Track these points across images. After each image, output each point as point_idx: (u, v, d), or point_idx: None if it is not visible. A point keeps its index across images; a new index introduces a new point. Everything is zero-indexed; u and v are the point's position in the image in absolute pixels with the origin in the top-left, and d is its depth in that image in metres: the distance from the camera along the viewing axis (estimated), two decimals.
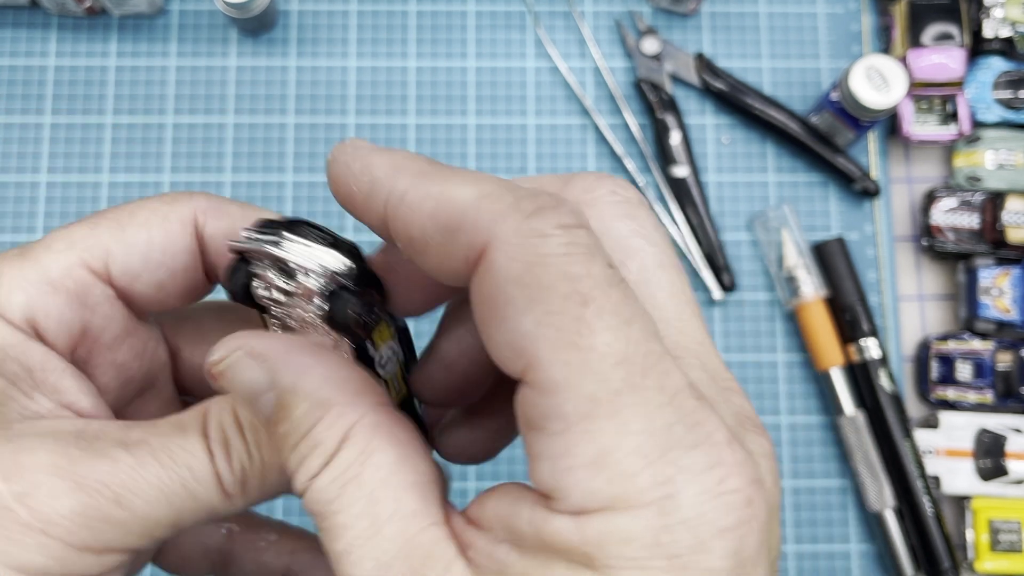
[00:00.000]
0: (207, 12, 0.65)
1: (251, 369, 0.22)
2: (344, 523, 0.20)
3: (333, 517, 0.20)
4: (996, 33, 0.61)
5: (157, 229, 0.27)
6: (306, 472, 0.21)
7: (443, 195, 0.20)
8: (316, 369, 0.22)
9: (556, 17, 0.66)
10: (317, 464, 0.21)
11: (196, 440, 0.24)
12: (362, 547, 0.20)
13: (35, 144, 0.63)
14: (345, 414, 0.21)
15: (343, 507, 0.20)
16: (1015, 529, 0.58)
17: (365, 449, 0.21)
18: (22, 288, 0.26)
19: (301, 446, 0.21)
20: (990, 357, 0.59)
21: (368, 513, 0.20)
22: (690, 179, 0.63)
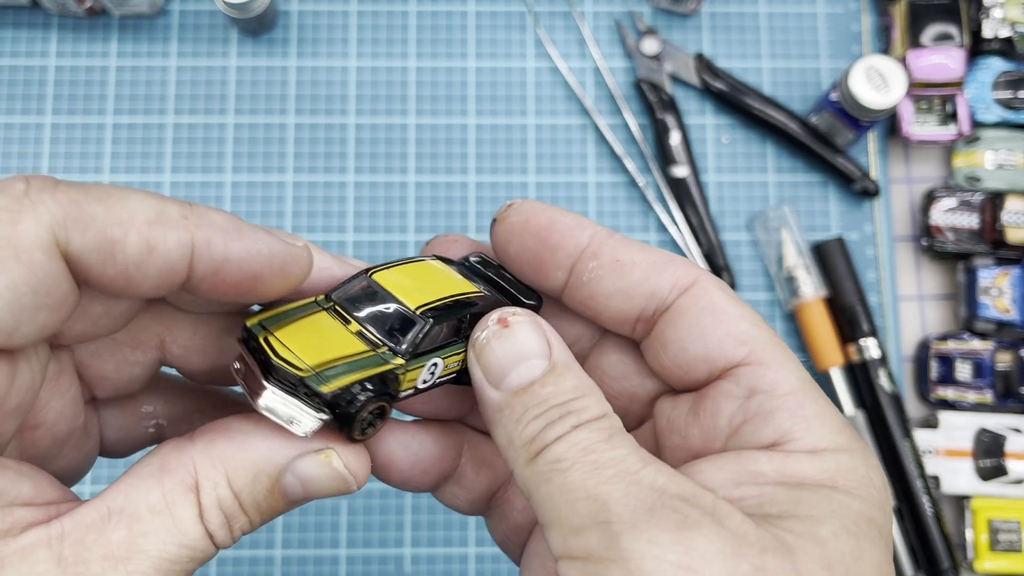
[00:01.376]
0: (207, 12, 0.65)
1: (537, 334, 0.27)
2: (616, 457, 0.24)
3: (605, 452, 0.24)
4: (996, 33, 0.61)
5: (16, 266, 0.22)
6: (574, 420, 0.25)
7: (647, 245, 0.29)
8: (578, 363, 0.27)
9: (556, 17, 0.66)
10: (585, 418, 0.25)
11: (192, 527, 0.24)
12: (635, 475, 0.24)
13: (35, 144, 0.63)
14: (604, 401, 0.26)
15: (614, 447, 0.24)
16: (1015, 529, 0.58)
17: (621, 425, 0.26)
18: None
19: (572, 403, 0.26)
20: (990, 357, 0.59)
21: (635, 455, 0.24)
22: (690, 179, 0.63)
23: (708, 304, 0.27)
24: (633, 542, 0.22)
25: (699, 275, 0.28)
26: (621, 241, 0.29)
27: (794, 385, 0.26)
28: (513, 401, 0.26)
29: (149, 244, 0.23)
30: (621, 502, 0.23)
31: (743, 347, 0.27)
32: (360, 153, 0.64)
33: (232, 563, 0.59)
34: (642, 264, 0.28)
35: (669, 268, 0.28)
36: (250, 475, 0.25)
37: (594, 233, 0.29)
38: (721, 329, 0.27)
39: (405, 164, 0.64)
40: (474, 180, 0.64)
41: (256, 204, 0.63)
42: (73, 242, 0.22)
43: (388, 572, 0.59)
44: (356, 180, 0.63)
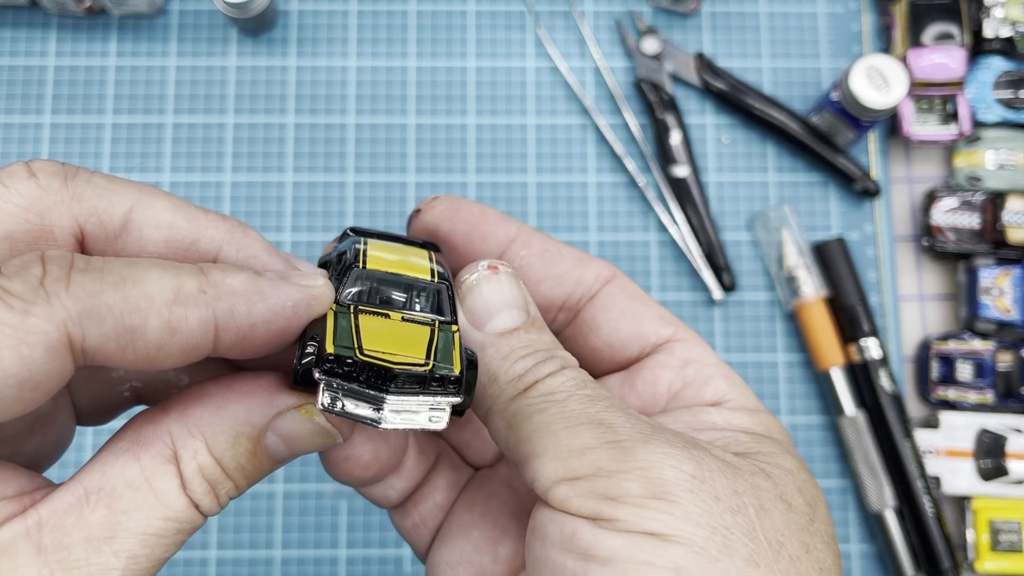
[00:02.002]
0: (207, 12, 0.65)
1: (520, 287, 0.28)
2: (604, 395, 0.26)
3: (593, 389, 0.26)
4: (996, 33, 0.61)
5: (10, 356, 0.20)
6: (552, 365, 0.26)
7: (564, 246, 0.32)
8: None
9: (556, 17, 0.66)
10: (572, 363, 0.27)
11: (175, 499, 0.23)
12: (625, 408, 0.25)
13: (35, 144, 0.63)
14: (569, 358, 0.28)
15: (595, 387, 0.26)
16: (1015, 529, 0.58)
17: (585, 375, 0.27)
18: None
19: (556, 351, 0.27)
20: (990, 357, 0.59)
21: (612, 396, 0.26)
22: (690, 179, 0.62)
23: (632, 292, 0.31)
24: (650, 454, 0.23)
25: (616, 271, 0.31)
26: (547, 237, 0.32)
27: (715, 359, 0.30)
28: (498, 341, 0.27)
29: (171, 327, 0.22)
30: (626, 425, 0.24)
31: (669, 326, 0.31)
32: (360, 153, 0.64)
33: (232, 563, 0.59)
34: (568, 256, 0.31)
35: (592, 263, 0.31)
36: (230, 439, 0.24)
37: (521, 227, 0.31)
38: (649, 311, 0.31)
39: (405, 164, 0.64)
40: (474, 180, 0.63)
41: (256, 204, 0.63)
42: (90, 337, 0.21)
43: (388, 572, 0.59)
44: (356, 180, 0.63)
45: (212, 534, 0.59)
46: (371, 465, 0.29)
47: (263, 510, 0.59)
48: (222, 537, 0.59)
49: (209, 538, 0.59)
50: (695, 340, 0.31)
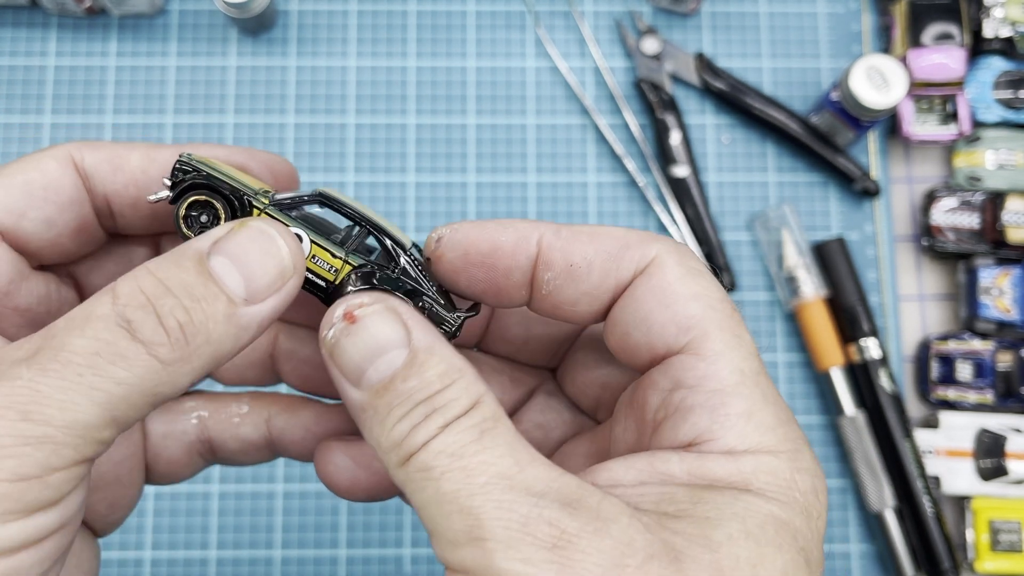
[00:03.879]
0: (207, 12, 0.65)
1: (391, 323, 0.24)
2: (488, 460, 0.22)
3: (476, 456, 0.23)
4: (996, 33, 0.61)
5: (33, 170, 0.28)
6: (440, 419, 0.23)
7: (597, 231, 0.27)
8: (445, 341, 0.25)
9: (556, 17, 0.66)
10: (453, 414, 0.23)
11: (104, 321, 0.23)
12: (510, 479, 0.22)
13: (35, 144, 0.63)
14: (478, 383, 0.24)
15: (485, 448, 0.23)
16: (1015, 529, 0.58)
17: (496, 413, 0.24)
18: None
19: (436, 398, 0.24)
20: (990, 357, 0.59)
21: (510, 455, 0.23)
22: (690, 179, 0.62)
23: (659, 284, 0.26)
24: (507, 562, 0.21)
25: (658, 251, 0.26)
26: (570, 237, 0.27)
27: (728, 378, 0.24)
28: (376, 401, 0.24)
29: (148, 156, 0.29)
30: (494, 516, 0.22)
31: (685, 334, 0.25)
32: (360, 153, 0.64)
33: (232, 563, 0.59)
34: (598, 260, 0.26)
35: (626, 255, 0.26)
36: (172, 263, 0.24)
37: (540, 237, 0.27)
38: (666, 313, 0.26)
39: (405, 164, 0.64)
40: (474, 180, 0.63)
41: None
42: (87, 158, 0.29)
43: (388, 572, 0.59)
44: (356, 180, 0.63)
45: (212, 534, 0.59)
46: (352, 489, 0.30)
47: (263, 510, 0.59)
48: (222, 537, 0.59)
49: (209, 538, 0.59)
50: (714, 352, 0.25)
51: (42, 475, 0.22)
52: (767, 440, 0.24)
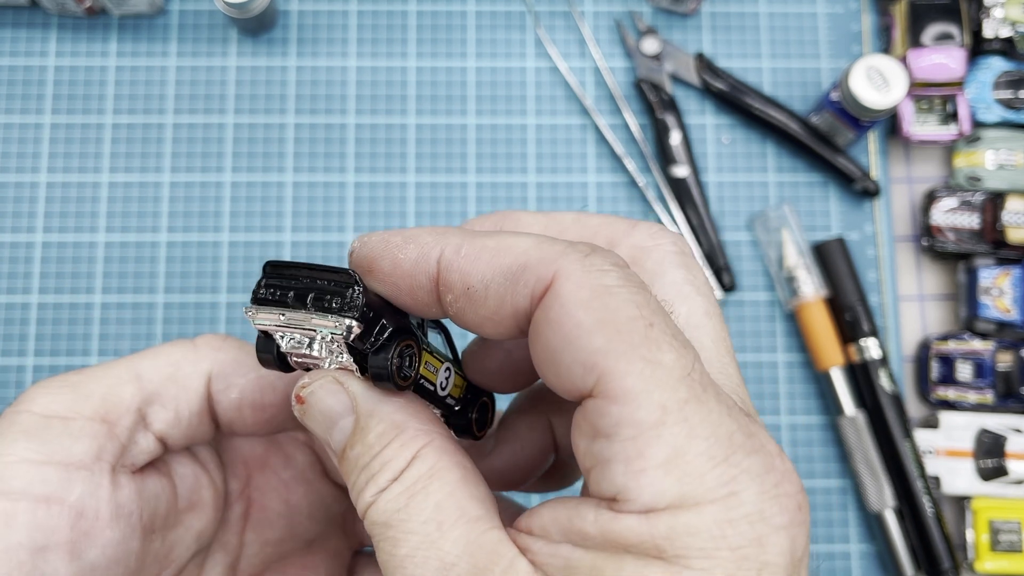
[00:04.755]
0: (207, 12, 0.65)
1: (335, 394, 0.25)
2: (411, 529, 0.22)
3: (400, 525, 0.23)
4: (996, 33, 0.61)
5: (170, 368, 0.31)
6: (375, 487, 0.23)
7: (502, 244, 0.23)
8: (392, 399, 0.25)
9: (556, 17, 0.66)
10: (387, 478, 0.23)
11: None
12: (427, 549, 0.22)
13: (35, 144, 0.63)
14: (417, 436, 0.24)
15: (410, 515, 0.23)
16: (1015, 529, 0.58)
17: (434, 466, 0.23)
18: None
19: (373, 463, 0.24)
20: (990, 357, 0.59)
21: (434, 519, 0.22)
22: (690, 179, 0.62)
23: (557, 317, 0.22)
24: None
25: (555, 273, 0.22)
26: (471, 255, 0.24)
27: (645, 420, 0.21)
28: (341, 467, 0.25)
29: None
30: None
31: (590, 375, 0.21)
32: (360, 153, 0.64)
33: None
34: (494, 283, 0.23)
35: (522, 278, 0.23)
36: None
37: (439, 256, 0.24)
38: (568, 354, 0.22)
39: (405, 164, 0.64)
40: (474, 180, 0.63)
41: (256, 204, 0.63)
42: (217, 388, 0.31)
43: None
44: (356, 180, 0.63)
45: None
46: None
47: None
48: None
49: None
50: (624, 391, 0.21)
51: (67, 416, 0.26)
52: (692, 490, 0.20)
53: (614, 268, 0.22)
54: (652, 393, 0.21)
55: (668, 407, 0.21)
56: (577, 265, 0.22)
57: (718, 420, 0.21)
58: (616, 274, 0.22)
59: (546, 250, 0.23)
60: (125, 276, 0.61)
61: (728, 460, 0.21)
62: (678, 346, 0.22)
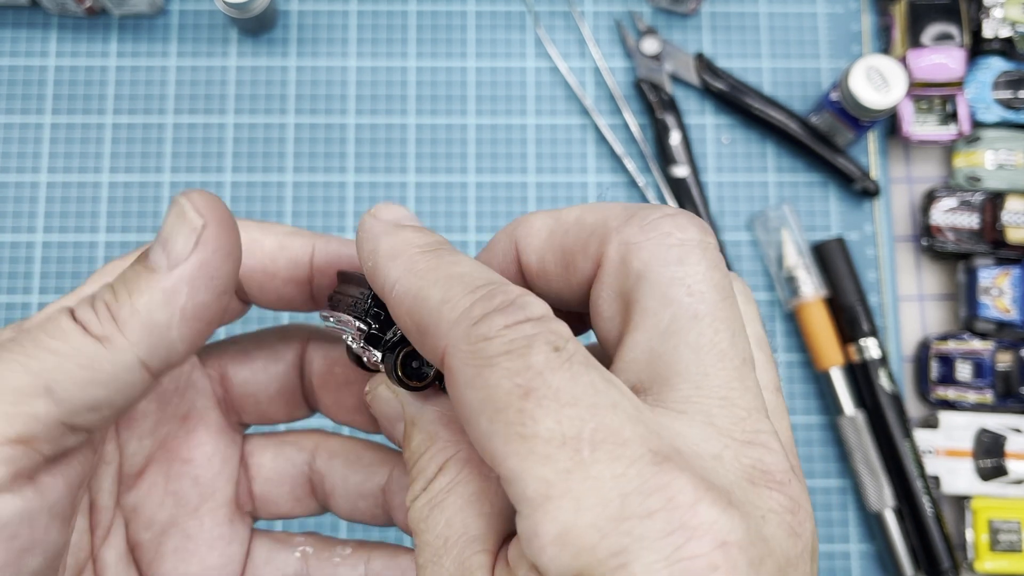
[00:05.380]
0: (207, 12, 0.65)
1: (388, 401, 0.27)
2: (426, 540, 0.23)
3: (421, 535, 0.24)
4: (996, 33, 0.61)
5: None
6: (411, 493, 0.25)
7: (418, 296, 0.23)
8: (431, 407, 0.26)
9: (556, 17, 0.66)
10: (419, 488, 0.24)
11: (56, 311, 0.25)
12: (434, 564, 0.23)
13: (35, 144, 0.63)
14: (446, 448, 0.25)
15: (429, 527, 0.23)
16: (1015, 529, 0.58)
17: (454, 479, 0.24)
18: None
19: (412, 471, 0.25)
20: (990, 357, 0.59)
21: (443, 535, 0.23)
22: (690, 179, 0.63)
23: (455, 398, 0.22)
24: None
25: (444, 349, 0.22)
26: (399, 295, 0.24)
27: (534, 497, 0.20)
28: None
29: (281, 244, 0.30)
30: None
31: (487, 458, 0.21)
32: (360, 153, 0.64)
33: None
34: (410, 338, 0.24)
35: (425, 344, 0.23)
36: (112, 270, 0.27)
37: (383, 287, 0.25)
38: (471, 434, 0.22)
39: (405, 164, 0.64)
40: (474, 180, 0.63)
41: (256, 204, 0.63)
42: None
43: None
44: (356, 180, 0.63)
45: None
46: None
47: None
48: None
49: None
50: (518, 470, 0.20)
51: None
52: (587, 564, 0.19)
53: (503, 331, 0.21)
54: (532, 470, 0.20)
55: (551, 480, 0.19)
56: (463, 338, 0.21)
57: (609, 484, 0.19)
58: (502, 340, 0.21)
59: (443, 317, 0.22)
60: None
61: (619, 528, 0.19)
62: (558, 408, 0.20)
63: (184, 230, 0.25)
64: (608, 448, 0.19)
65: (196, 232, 0.25)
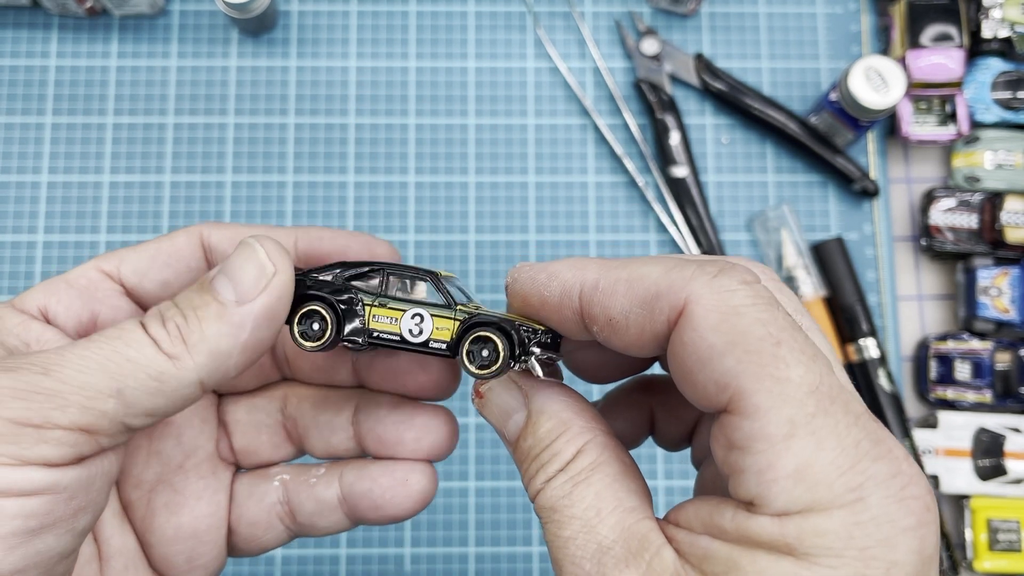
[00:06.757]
0: (208, 13, 0.65)
1: (510, 391, 0.29)
2: (574, 514, 0.26)
3: (564, 510, 0.26)
4: (995, 34, 0.61)
5: (164, 242, 0.34)
6: (544, 475, 0.27)
7: (634, 275, 0.26)
8: (560, 397, 0.28)
9: (556, 17, 0.66)
10: (555, 468, 0.27)
11: (130, 323, 0.28)
12: (588, 533, 0.25)
13: (36, 144, 0.63)
14: (583, 432, 0.27)
15: (574, 502, 0.26)
16: (1014, 528, 0.58)
17: (596, 460, 0.27)
18: (42, 288, 0.32)
19: (543, 455, 0.27)
20: (989, 357, 0.59)
21: (594, 506, 0.26)
22: (690, 179, 0.63)
23: (691, 340, 0.24)
24: None
25: (686, 298, 0.24)
26: (607, 289, 0.26)
27: (775, 434, 0.23)
28: (514, 453, 0.29)
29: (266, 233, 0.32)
30: (569, 571, 0.25)
31: (724, 392, 0.24)
32: (360, 153, 0.64)
33: (232, 562, 0.59)
34: (632, 313, 0.26)
35: (656, 305, 0.25)
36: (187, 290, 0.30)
37: (579, 292, 0.27)
38: (704, 373, 0.24)
39: (405, 164, 0.64)
40: (474, 180, 0.64)
41: (256, 204, 0.63)
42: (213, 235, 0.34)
43: (388, 572, 0.59)
44: (356, 180, 0.63)
45: None
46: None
47: None
48: None
49: None
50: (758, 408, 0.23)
51: (42, 425, 0.25)
52: (821, 496, 0.22)
53: (742, 287, 0.24)
54: (781, 409, 0.23)
55: (796, 421, 0.22)
56: (706, 289, 0.24)
57: (845, 430, 0.23)
58: (744, 293, 0.24)
59: (675, 276, 0.25)
60: None
61: (855, 468, 0.22)
62: (806, 360, 0.23)
63: (254, 272, 0.29)
64: (842, 401, 0.23)
65: (267, 277, 0.29)
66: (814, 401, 0.23)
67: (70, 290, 0.32)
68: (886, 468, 0.23)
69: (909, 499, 0.23)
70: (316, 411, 0.36)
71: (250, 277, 0.29)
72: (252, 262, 0.29)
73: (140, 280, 0.33)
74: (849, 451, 0.23)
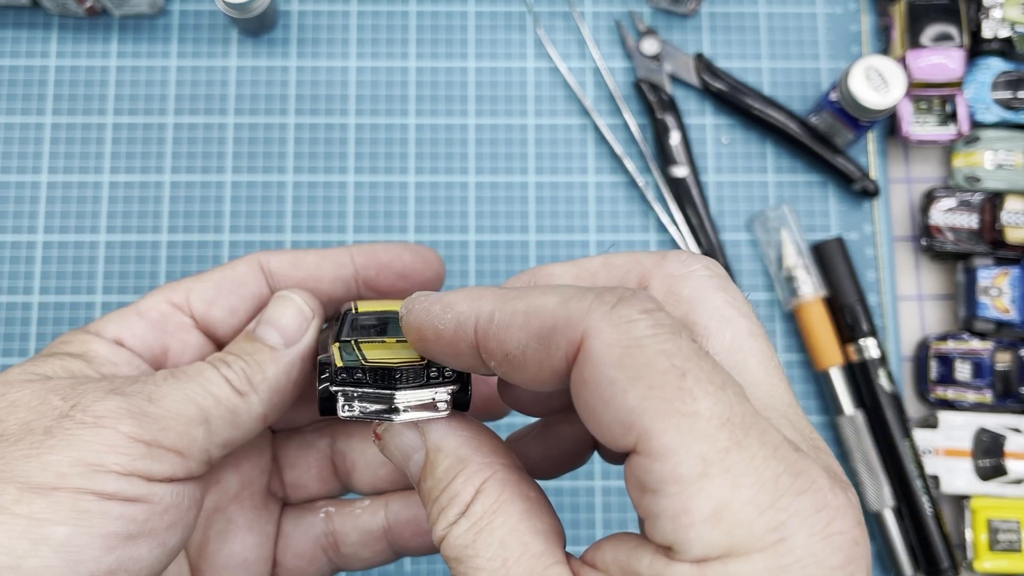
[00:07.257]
0: (208, 12, 0.65)
1: (406, 432, 0.27)
2: (479, 565, 0.24)
3: (469, 560, 0.24)
4: (995, 33, 0.61)
5: (227, 271, 0.37)
6: (445, 520, 0.25)
7: (531, 306, 0.23)
8: (458, 431, 0.27)
9: (556, 17, 0.66)
10: (454, 513, 0.25)
11: (204, 364, 0.32)
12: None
13: (36, 144, 0.63)
14: (480, 470, 0.25)
15: (478, 551, 0.24)
16: (1014, 528, 0.58)
17: (497, 500, 0.25)
18: (115, 319, 0.35)
19: (441, 498, 0.25)
20: (989, 357, 0.59)
21: (499, 555, 0.24)
22: (690, 179, 0.63)
23: (591, 378, 0.22)
24: None
25: (583, 332, 0.22)
26: (503, 322, 0.24)
27: (687, 475, 0.20)
28: (420, 496, 0.27)
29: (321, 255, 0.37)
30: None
31: (630, 433, 0.21)
32: (360, 153, 0.64)
33: None
34: (530, 348, 0.24)
35: (553, 340, 0.23)
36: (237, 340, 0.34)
37: (476, 324, 0.25)
38: (608, 413, 0.22)
39: (405, 164, 0.64)
40: (474, 180, 0.64)
41: (256, 204, 0.63)
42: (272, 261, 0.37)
43: (388, 571, 0.59)
44: (356, 180, 0.63)
45: None
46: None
47: None
48: None
49: None
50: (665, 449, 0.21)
51: (150, 443, 0.28)
52: (741, 540, 0.20)
53: (643, 316, 0.22)
54: (691, 446, 0.21)
55: (709, 458, 0.20)
56: (604, 321, 0.22)
57: (763, 464, 0.21)
58: (645, 323, 0.22)
59: (572, 308, 0.23)
60: (126, 276, 0.62)
61: (775, 505, 0.21)
62: (714, 391, 0.21)
63: (297, 319, 0.34)
64: (757, 432, 0.21)
65: (308, 321, 0.34)
66: (726, 434, 0.21)
67: (143, 322, 0.35)
68: (810, 502, 0.21)
69: (835, 535, 0.21)
70: (364, 444, 0.38)
71: (293, 322, 0.34)
72: (292, 308, 0.34)
73: (208, 308, 0.36)
74: (768, 487, 0.21)
